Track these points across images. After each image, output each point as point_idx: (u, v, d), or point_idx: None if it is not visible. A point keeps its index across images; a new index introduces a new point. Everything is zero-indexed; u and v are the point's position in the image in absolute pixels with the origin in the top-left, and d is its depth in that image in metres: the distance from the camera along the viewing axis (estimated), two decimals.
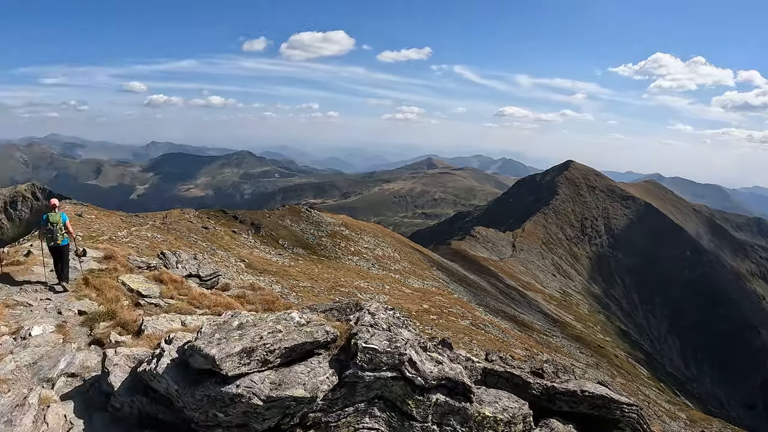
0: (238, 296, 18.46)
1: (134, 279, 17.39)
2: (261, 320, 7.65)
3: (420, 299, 57.37)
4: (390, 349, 7.15)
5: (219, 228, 69.43)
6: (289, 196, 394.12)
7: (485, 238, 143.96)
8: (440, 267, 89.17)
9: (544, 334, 72.43)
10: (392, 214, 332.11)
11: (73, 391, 8.44)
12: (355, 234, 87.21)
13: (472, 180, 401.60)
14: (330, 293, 48.74)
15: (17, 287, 16.18)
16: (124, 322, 11.70)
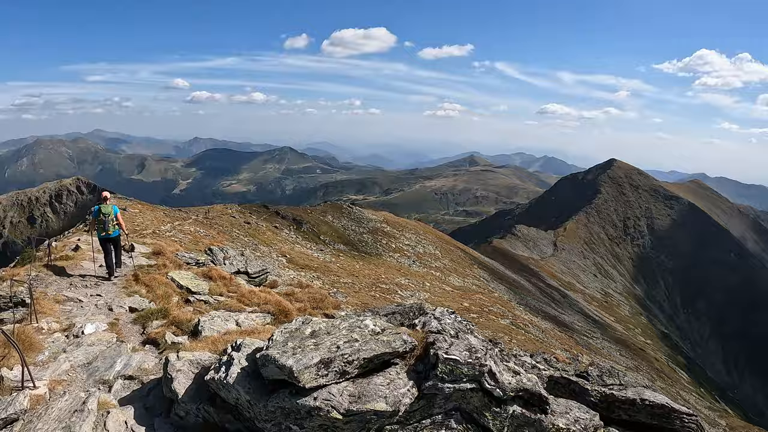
0: (287, 294, 18.20)
1: (183, 275, 17.24)
2: (334, 328, 7.28)
3: (460, 297, 57.19)
4: (471, 360, 6.78)
5: (261, 223, 69.89)
6: (330, 193, 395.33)
7: (526, 236, 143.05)
8: (481, 265, 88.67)
9: (585, 336, 71.63)
10: (433, 211, 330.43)
11: (132, 395, 8.14)
12: (397, 231, 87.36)
13: (514, 178, 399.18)
14: (371, 290, 49.08)
15: (67, 282, 16.08)
16: (178, 321, 11.51)
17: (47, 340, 10.18)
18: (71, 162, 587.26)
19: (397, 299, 47.79)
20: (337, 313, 16.38)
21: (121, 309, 13.44)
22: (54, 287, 15.32)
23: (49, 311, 12.48)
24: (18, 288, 14.14)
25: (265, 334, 9.08)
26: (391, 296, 48.70)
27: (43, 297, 13.58)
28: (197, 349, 8.40)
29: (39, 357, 9.29)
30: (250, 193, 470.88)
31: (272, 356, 6.51)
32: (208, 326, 10.66)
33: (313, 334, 7.15)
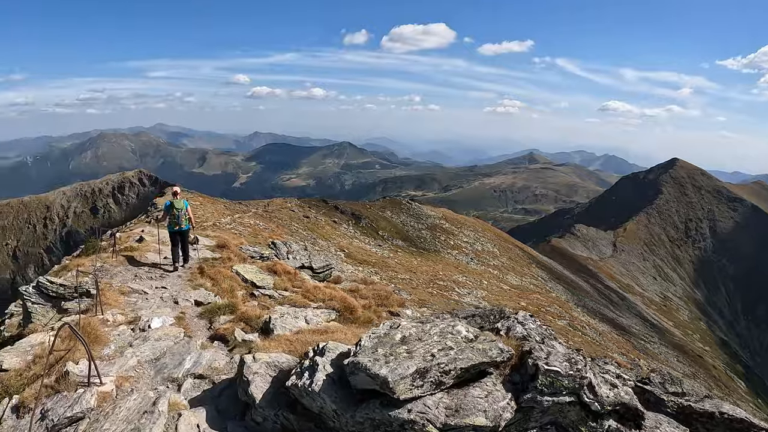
0: (351, 290, 17.85)
1: (248, 269, 17.06)
2: (425, 333, 6.74)
3: (518, 297, 56.27)
4: (572, 371, 6.26)
5: (320, 217, 69.84)
6: (389, 188, 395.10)
7: (586, 236, 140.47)
8: (539, 264, 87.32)
9: (642, 340, 70.08)
10: (492, 209, 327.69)
11: (203, 395, 7.77)
12: (455, 228, 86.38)
13: (574, 176, 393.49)
14: (428, 286, 48.48)
15: (132, 273, 16.02)
16: (247, 317, 11.19)
17: (113, 333, 9.97)
18: (134, 155, 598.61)
19: (455, 297, 47.49)
20: (402, 311, 16.03)
21: (187, 302, 13.24)
22: (119, 278, 15.26)
23: (114, 303, 12.33)
24: (83, 278, 14.05)
25: (340, 334, 8.67)
26: (448, 293, 48.11)
27: (108, 288, 13.47)
28: (271, 349, 7.95)
29: (105, 351, 9.07)
30: (309, 187, 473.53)
31: (363, 364, 6.01)
32: (279, 324, 10.25)
33: (404, 340, 6.62)
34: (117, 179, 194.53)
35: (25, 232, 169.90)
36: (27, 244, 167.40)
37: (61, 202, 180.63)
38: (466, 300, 46.92)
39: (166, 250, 18.38)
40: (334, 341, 7.48)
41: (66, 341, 8.43)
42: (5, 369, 8.59)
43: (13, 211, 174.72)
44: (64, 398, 6.93)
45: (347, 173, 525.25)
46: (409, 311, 16.69)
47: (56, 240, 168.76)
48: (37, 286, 13.56)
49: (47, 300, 13.32)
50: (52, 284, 13.47)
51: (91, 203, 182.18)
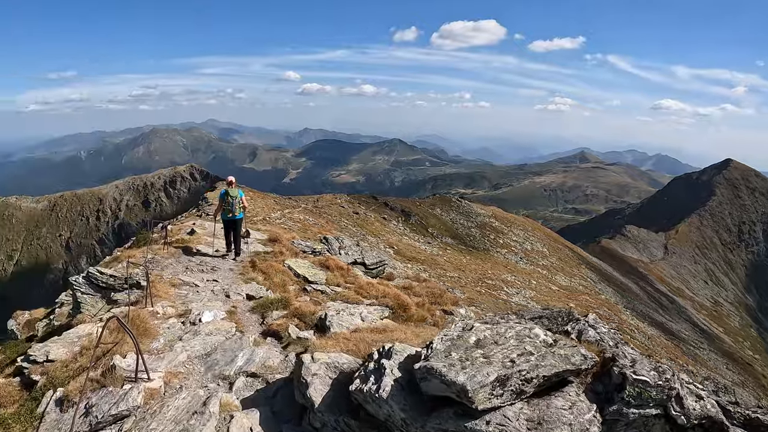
0: (404, 287, 17.41)
1: (300, 264, 16.78)
2: (500, 336, 6.13)
3: (566, 298, 55.98)
4: (660, 382, 5.67)
5: (369, 214, 70.51)
6: (439, 185, 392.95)
7: (636, 237, 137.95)
8: (589, 265, 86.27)
9: (691, 345, 68.54)
10: (542, 208, 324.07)
11: (256, 395, 7.32)
12: (505, 226, 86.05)
13: (625, 176, 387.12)
14: (476, 285, 48.60)
15: (182, 266, 15.85)
16: (301, 313, 10.76)
17: (162, 326, 9.67)
18: (185, 150, 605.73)
19: (503, 296, 47.57)
20: (455, 310, 15.60)
21: (238, 296, 12.90)
22: (170, 270, 15.09)
23: (164, 295, 12.09)
24: (133, 270, 13.85)
25: (399, 333, 8.16)
26: (496, 293, 48.12)
27: (158, 280, 13.27)
28: (328, 348, 7.42)
29: (153, 344, 8.76)
30: (359, 183, 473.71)
31: (437, 369, 5.43)
32: (336, 322, 9.79)
33: (479, 343, 6.04)
34: (169, 173, 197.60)
35: (78, 224, 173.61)
36: (80, 236, 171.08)
37: (113, 195, 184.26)
38: (515, 300, 47.33)
39: (218, 243, 18.62)
40: (394, 341, 7.03)
41: (114, 333, 8.14)
42: (52, 359, 8.36)
43: (67, 203, 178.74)
44: (109, 393, 6.61)
45: (397, 170, 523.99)
46: (463, 310, 16.23)
47: (108, 232, 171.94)
48: (87, 277, 13.39)
49: (97, 290, 13.15)
50: (102, 275, 13.30)
51: (143, 197, 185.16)
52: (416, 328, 9.51)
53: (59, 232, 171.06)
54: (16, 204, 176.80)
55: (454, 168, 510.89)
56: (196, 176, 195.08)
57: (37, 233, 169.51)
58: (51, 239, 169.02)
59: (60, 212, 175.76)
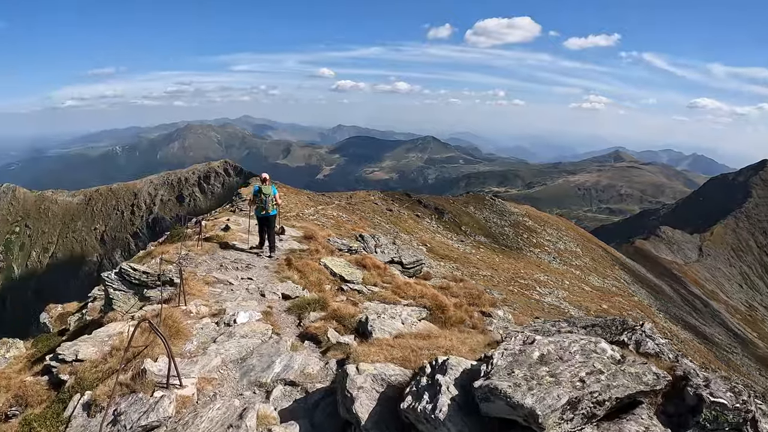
0: (442, 287, 16.93)
1: (336, 262, 16.38)
2: (564, 351, 5.49)
3: (599, 299, 55.49)
4: (738, 404, 5.06)
5: (403, 211, 70.33)
6: (472, 183, 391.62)
7: (671, 239, 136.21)
8: (622, 266, 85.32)
9: (725, 350, 67.36)
10: (576, 207, 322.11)
11: (295, 406, 6.83)
12: (538, 226, 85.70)
13: (661, 176, 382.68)
14: (509, 284, 49.40)
15: (216, 263, 15.54)
16: (339, 315, 10.22)
17: (195, 326, 9.29)
18: (219, 146, 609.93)
19: (535, 296, 47.84)
20: (493, 311, 15.18)
21: (274, 296, 12.51)
22: (203, 267, 14.78)
23: (197, 293, 11.75)
24: (167, 266, 13.55)
25: (444, 341, 7.61)
26: (529, 292, 48.57)
27: (191, 277, 12.91)
28: (371, 356, 6.89)
29: (186, 346, 8.40)
30: (393, 180, 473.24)
31: (502, 390, 4.86)
32: (378, 326, 9.21)
33: (543, 359, 5.43)
34: (203, 169, 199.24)
35: (113, 218, 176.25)
36: (114, 229, 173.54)
37: (148, 189, 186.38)
38: (547, 300, 47.50)
39: (253, 240, 18.43)
40: (439, 348, 6.58)
41: (145, 334, 7.77)
42: (81, 359, 8.09)
43: (102, 197, 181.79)
44: (139, 401, 6.22)
45: (430, 167, 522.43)
46: (501, 312, 15.75)
47: (143, 226, 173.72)
48: (119, 273, 13.18)
49: (129, 287, 12.92)
50: (135, 271, 13.08)
51: (178, 192, 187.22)
52: (460, 333, 9.05)
53: (94, 225, 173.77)
54: (52, 198, 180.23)
55: (487, 166, 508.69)
56: (230, 172, 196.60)
57: (73, 226, 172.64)
58: (86, 232, 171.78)
59: (95, 206, 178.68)
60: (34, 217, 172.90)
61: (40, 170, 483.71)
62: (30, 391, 7.79)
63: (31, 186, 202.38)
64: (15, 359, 15.18)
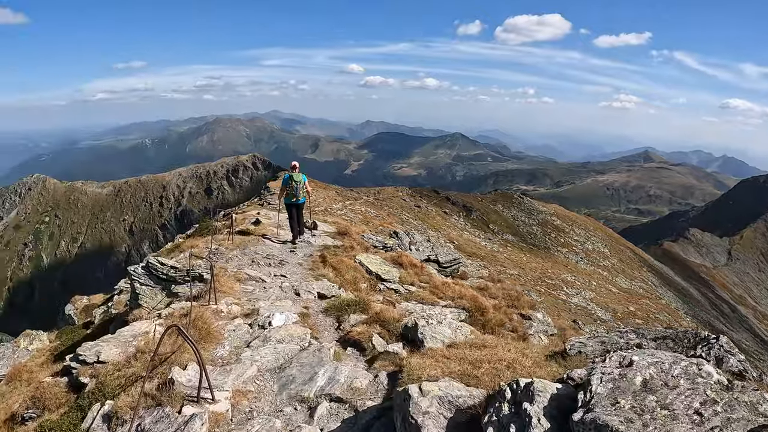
0: (480, 288, 16.35)
1: (372, 260, 15.70)
2: (667, 375, 4.68)
3: (626, 301, 54.94)
4: None
5: (431, 208, 70.17)
6: (500, 181, 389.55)
7: (699, 242, 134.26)
8: (650, 268, 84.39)
9: (752, 357, 65.83)
10: (604, 207, 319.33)
11: (343, 428, 5.95)
12: (566, 225, 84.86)
13: (690, 177, 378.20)
14: (536, 283, 48.66)
15: (248, 258, 14.97)
16: (383, 319, 9.37)
17: (227, 328, 8.61)
18: (248, 140, 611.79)
19: (563, 296, 47.50)
20: (533, 314, 14.60)
21: (310, 295, 11.77)
22: (234, 263, 14.23)
23: (228, 290, 11.13)
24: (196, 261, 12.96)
25: (500, 350, 6.69)
26: (556, 292, 48.17)
27: (222, 273, 12.30)
28: (427, 370, 5.93)
29: (218, 351, 7.73)
30: (421, 177, 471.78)
31: (612, 427, 4.02)
32: (429, 334, 8.20)
33: (647, 385, 4.53)
34: (231, 162, 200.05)
35: (141, 209, 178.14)
36: (143, 221, 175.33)
37: (177, 182, 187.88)
38: (574, 301, 47.26)
39: (285, 235, 18.18)
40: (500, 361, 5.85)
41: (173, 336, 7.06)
42: (103, 361, 7.54)
43: (131, 189, 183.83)
44: (166, 417, 5.50)
45: (458, 165, 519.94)
46: (540, 314, 15.08)
47: (171, 218, 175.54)
48: (146, 267, 12.56)
49: (156, 282, 12.31)
50: (163, 266, 12.48)
51: (206, 185, 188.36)
52: (517, 342, 8.25)
53: (123, 216, 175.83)
54: (82, 189, 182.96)
55: (516, 164, 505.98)
56: (258, 165, 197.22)
57: (102, 217, 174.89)
58: (115, 223, 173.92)
59: (124, 197, 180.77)
60: (64, 207, 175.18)
61: (70, 161, 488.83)
62: (48, 394, 7.36)
63: (62, 177, 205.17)
64: (38, 352, 15.04)
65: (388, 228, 40.49)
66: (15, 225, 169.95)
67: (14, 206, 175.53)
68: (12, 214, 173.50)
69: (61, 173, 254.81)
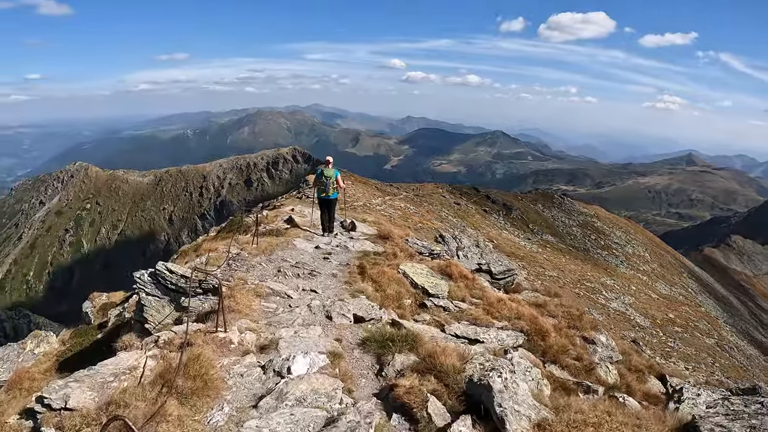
0: (537, 304, 14.25)
1: (417, 270, 13.58)
2: None
3: (666, 307, 54.11)
4: None
5: (470, 206, 69.36)
6: (540, 180, 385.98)
7: (741, 249, 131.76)
8: (691, 274, 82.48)
9: None
10: (644, 210, 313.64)
11: None
12: (607, 227, 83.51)
13: (733, 182, 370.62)
14: (575, 286, 47.72)
15: (273, 266, 12.99)
16: (438, 367, 6.86)
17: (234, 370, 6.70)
18: (289, 133, 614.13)
19: (601, 300, 46.77)
20: (596, 337, 12.77)
21: (344, 319, 9.54)
22: (257, 272, 12.26)
23: (245, 309, 9.20)
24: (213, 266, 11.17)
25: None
26: (595, 296, 47.39)
27: (240, 286, 10.41)
28: None
29: (213, 416, 5.76)
30: (460, 174, 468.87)
31: None
32: (509, 407, 5.41)
33: None
34: (272, 155, 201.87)
35: (181, 199, 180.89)
36: (182, 210, 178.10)
37: (217, 173, 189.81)
38: (613, 306, 46.44)
39: (318, 239, 16.78)
40: None
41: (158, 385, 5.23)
42: (71, 408, 5.81)
43: (172, 178, 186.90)
44: None
45: (498, 162, 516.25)
46: (603, 337, 13.14)
47: (210, 208, 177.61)
48: (154, 274, 10.73)
49: (164, 292, 10.52)
50: (172, 274, 10.65)
51: (246, 176, 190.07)
52: (620, 407, 6.21)
53: (163, 205, 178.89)
54: (124, 177, 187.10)
55: (556, 163, 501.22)
56: (298, 158, 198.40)
57: (142, 206, 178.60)
58: (155, 212, 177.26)
59: (165, 187, 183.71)
60: (105, 195, 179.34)
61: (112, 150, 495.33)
62: None
63: (103, 165, 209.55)
64: (44, 356, 14.26)
65: (428, 224, 39.30)
66: (57, 211, 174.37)
67: (56, 192, 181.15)
68: (54, 200, 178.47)
69: (102, 161, 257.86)
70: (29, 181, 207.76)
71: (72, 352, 14.73)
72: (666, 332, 42.98)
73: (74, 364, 11.24)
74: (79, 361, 11.03)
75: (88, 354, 13.71)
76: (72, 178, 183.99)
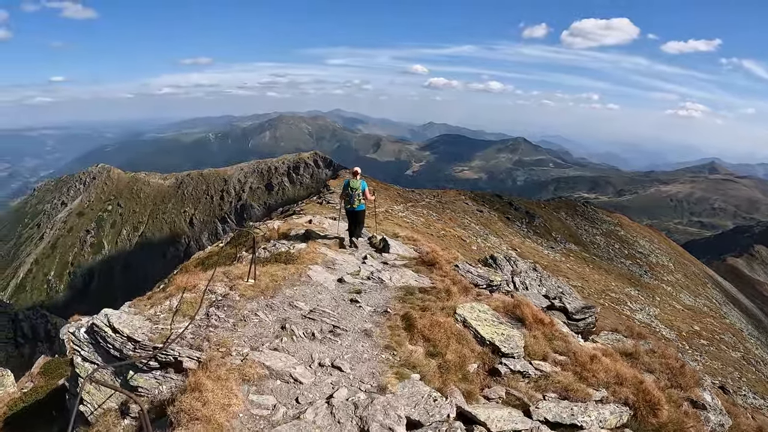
0: (626, 353, 10.53)
1: (480, 314, 9.38)
2: None
3: (691, 319, 54.31)
4: None
5: (492, 213, 69.70)
6: (561, 188, 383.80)
7: (765, 259, 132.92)
8: (715, 284, 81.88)
9: None
10: (666, 218, 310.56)
11: None
12: (630, 236, 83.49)
13: (756, 191, 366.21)
14: (599, 297, 47.95)
15: (275, 318, 8.70)
16: None
17: None
18: (310, 138, 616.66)
19: (626, 311, 47.06)
20: (703, 398, 9.63)
21: (389, 428, 5.53)
22: (249, 329, 8.06)
23: (217, 416, 5.26)
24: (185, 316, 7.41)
25: None
26: (619, 307, 47.74)
27: (217, 362, 6.38)
28: None
29: None
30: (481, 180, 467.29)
31: None
32: None
33: None
34: (293, 159, 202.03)
35: (202, 202, 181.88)
36: (203, 213, 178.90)
37: (238, 176, 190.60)
38: (638, 317, 46.40)
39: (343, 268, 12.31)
40: None
41: None
42: None
43: (193, 182, 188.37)
44: None
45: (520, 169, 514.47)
46: (708, 396, 9.76)
47: (231, 211, 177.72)
48: (91, 331, 7.01)
49: (107, 359, 6.70)
50: (116, 335, 6.76)
51: (267, 180, 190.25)
52: None
53: (184, 208, 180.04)
54: (145, 179, 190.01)
55: (578, 171, 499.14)
56: (319, 163, 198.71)
57: (163, 208, 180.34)
58: (176, 214, 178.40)
59: (186, 190, 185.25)
60: (126, 196, 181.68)
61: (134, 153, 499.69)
62: None
63: (125, 167, 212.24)
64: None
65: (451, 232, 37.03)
66: (78, 212, 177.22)
67: (78, 194, 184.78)
68: (76, 201, 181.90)
69: (124, 164, 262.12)
70: (52, 182, 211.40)
71: (24, 404, 12.19)
72: (692, 345, 43.02)
73: None
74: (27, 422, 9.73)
75: (38, 411, 11.54)
76: (94, 180, 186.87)
